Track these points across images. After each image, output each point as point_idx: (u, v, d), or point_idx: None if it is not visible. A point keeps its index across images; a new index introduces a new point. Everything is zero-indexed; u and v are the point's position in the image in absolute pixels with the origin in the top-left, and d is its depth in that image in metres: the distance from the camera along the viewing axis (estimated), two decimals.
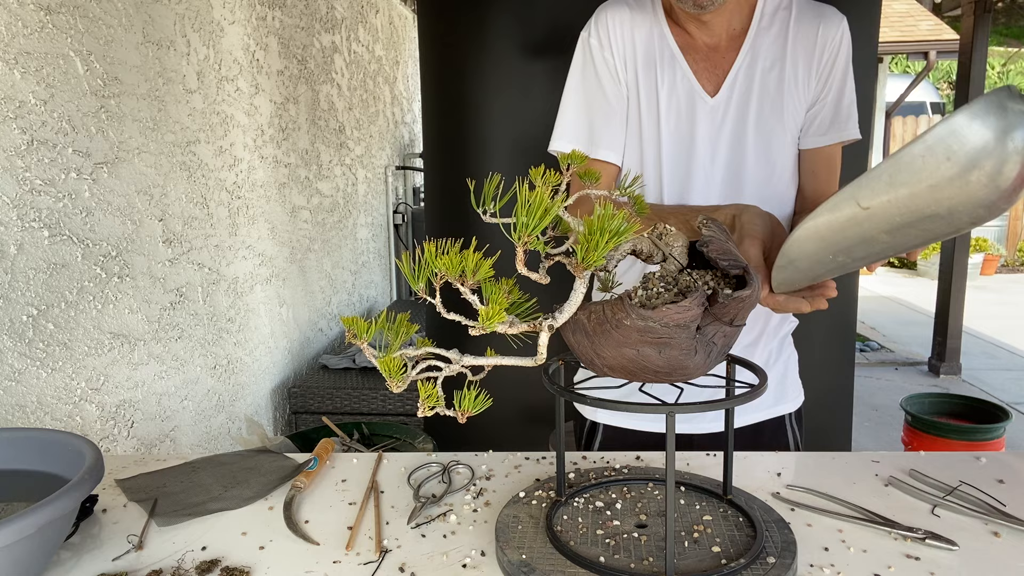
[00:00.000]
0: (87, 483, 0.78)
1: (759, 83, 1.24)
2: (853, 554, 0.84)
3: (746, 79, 1.24)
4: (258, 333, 2.90)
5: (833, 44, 1.25)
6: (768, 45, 1.25)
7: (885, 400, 4.58)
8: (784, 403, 1.35)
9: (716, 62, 1.26)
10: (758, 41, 1.25)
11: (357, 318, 0.73)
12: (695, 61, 1.25)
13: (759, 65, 1.25)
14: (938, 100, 12.08)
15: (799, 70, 1.25)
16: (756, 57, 1.25)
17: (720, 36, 1.25)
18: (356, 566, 0.84)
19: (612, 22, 1.26)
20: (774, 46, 1.25)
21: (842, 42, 1.25)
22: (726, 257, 0.78)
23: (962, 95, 4.85)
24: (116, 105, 1.99)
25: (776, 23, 1.26)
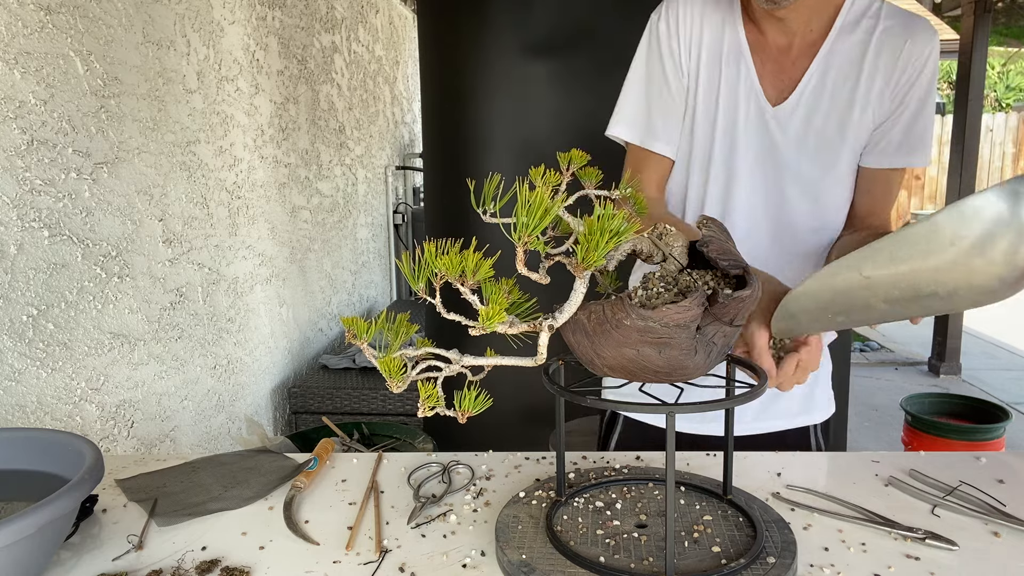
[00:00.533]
0: (87, 483, 0.78)
1: (829, 96, 1.16)
2: (853, 554, 0.84)
3: (816, 91, 1.16)
4: (258, 333, 2.90)
5: (917, 63, 1.15)
6: (846, 53, 1.16)
7: (885, 400, 4.58)
8: (810, 413, 1.30)
9: (785, 66, 1.18)
10: (836, 48, 1.16)
11: (357, 318, 0.73)
12: (763, 63, 1.18)
13: (832, 75, 1.16)
14: (938, 100, 12.07)
15: (875, 86, 1.15)
16: (830, 66, 1.16)
17: (795, 37, 1.17)
18: (356, 566, 0.84)
19: (684, 9, 1.20)
20: (852, 55, 1.16)
21: (928, 62, 1.15)
22: (726, 257, 0.78)
23: (962, 95, 4.85)
24: (116, 105, 1.99)
25: (859, 30, 1.16)
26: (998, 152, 9.58)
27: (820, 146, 1.17)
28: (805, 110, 1.17)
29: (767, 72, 1.18)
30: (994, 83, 13.22)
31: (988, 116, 9.48)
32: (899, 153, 1.18)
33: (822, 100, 1.16)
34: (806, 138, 1.17)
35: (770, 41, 1.18)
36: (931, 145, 1.18)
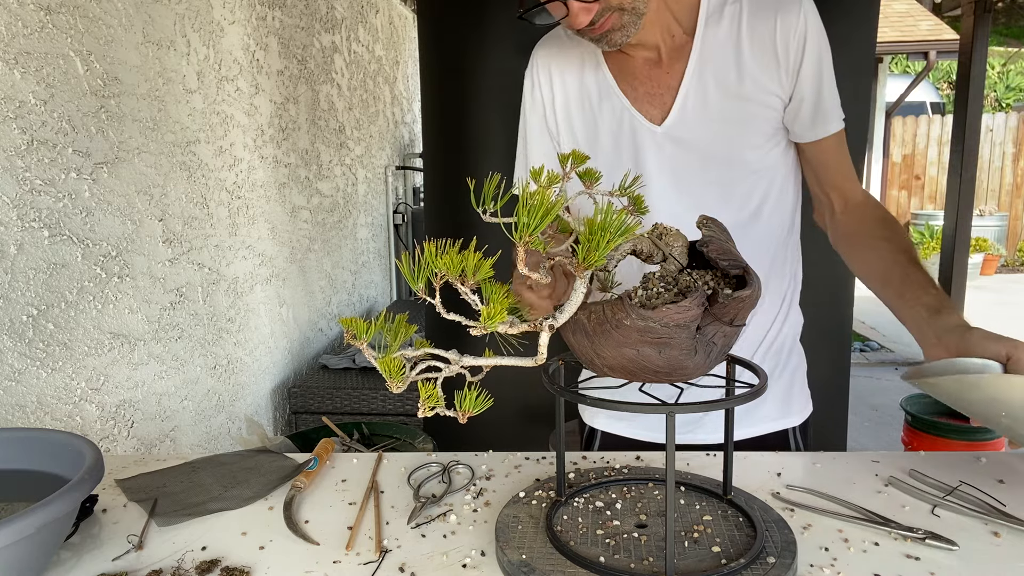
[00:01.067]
0: (87, 483, 0.78)
1: (714, 95, 1.11)
2: (853, 554, 0.84)
3: (698, 95, 1.11)
4: (258, 333, 2.90)
5: (798, 35, 1.09)
6: (718, 48, 1.11)
7: (885, 400, 4.58)
8: (789, 416, 1.27)
9: (660, 80, 1.13)
10: (706, 46, 1.11)
11: (356, 319, 0.73)
12: (634, 87, 1.14)
13: (710, 74, 1.11)
14: (938, 100, 12.07)
15: (761, 71, 1.11)
16: (705, 66, 1.11)
17: (658, 48, 1.13)
18: (356, 566, 0.84)
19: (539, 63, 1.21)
20: (725, 49, 1.11)
21: (807, 28, 1.09)
22: (726, 257, 0.78)
23: (962, 95, 4.85)
24: (116, 105, 1.99)
25: (725, 20, 1.11)
26: (998, 152, 9.57)
27: (722, 146, 1.13)
28: (694, 117, 1.12)
29: (642, 94, 1.14)
30: (994, 83, 13.22)
31: (988, 116, 9.48)
32: (816, 125, 1.14)
33: (708, 101, 1.11)
34: (705, 143, 1.13)
35: (638, 61, 1.14)
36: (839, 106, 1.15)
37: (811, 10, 1.11)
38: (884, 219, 1.17)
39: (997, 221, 9.29)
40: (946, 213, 5.09)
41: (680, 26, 1.12)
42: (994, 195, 9.62)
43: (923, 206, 9.89)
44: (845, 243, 1.20)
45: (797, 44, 1.10)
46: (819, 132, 1.15)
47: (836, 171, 1.19)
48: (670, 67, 1.13)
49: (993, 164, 9.54)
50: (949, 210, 5.02)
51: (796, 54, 1.10)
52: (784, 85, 1.12)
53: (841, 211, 1.20)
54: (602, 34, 1.05)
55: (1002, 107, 12.91)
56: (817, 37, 1.11)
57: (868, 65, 2.43)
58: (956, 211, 4.93)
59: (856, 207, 1.19)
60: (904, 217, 9.95)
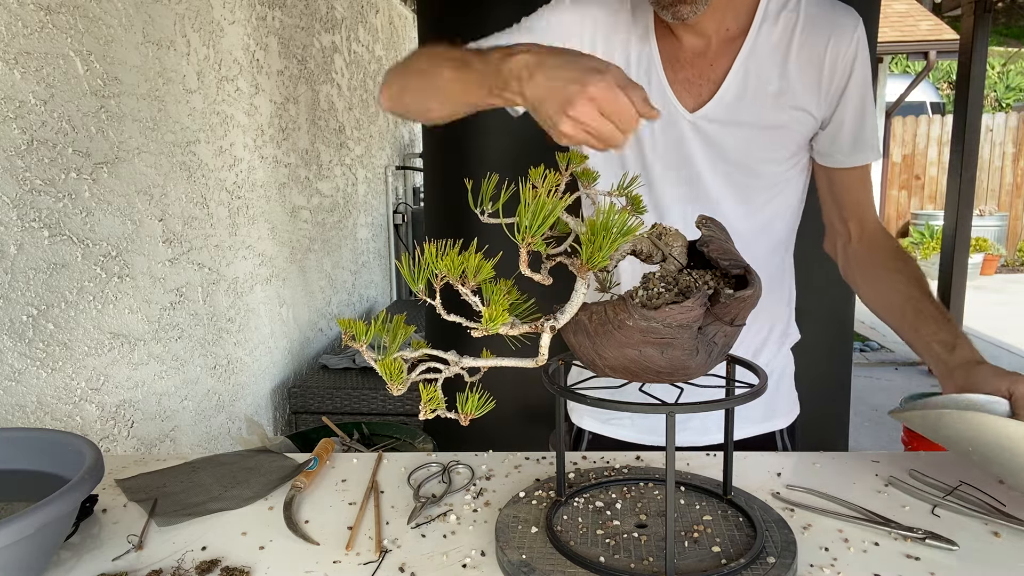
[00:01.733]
0: (87, 483, 0.78)
1: (752, 99, 1.10)
2: (853, 554, 0.84)
3: (737, 94, 1.10)
4: (258, 333, 2.90)
5: (845, 61, 1.09)
6: (767, 53, 1.10)
7: (885, 400, 4.58)
8: (775, 419, 1.27)
9: (702, 70, 1.12)
10: (757, 46, 1.10)
11: (354, 320, 0.73)
12: (675, 70, 1.12)
13: (753, 77, 1.10)
14: (938, 100, 12.08)
15: (802, 88, 1.10)
16: (751, 67, 1.10)
17: (709, 39, 1.12)
18: (356, 566, 0.84)
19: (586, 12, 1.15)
20: (774, 56, 1.10)
21: (857, 54, 1.10)
22: (726, 257, 0.78)
23: (962, 95, 4.85)
24: (116, 105, 1.99)
25: (780, 26, 1.10)
26: (998, 152, 9.57)
27: (746, 150, 1.12)
28: (728, 113, 1.11)
29: (682, 79, 1.12)
30: (994, 83, 13.22)
31: (988, 116, 9.48)
32: (853, 154, 1.15)
33: (743, 102, 1.10)
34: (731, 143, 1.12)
35: (685, 46, 1.12)
36: (878, 140, 1.16)
37: (863, 38, 1.11)
38: (896, 251, 1.19)
39: (997, 221, 9.29)
40: (946, 213, 5.09)
41: (735, 22, 1.11)
42: (994, 195, 9.62)
43: (923, 206, 9.89)
44: (859, 273, 1.21)
45: (845, 68, 1.10)
46: (856, 160, 1.15)
47: (858, 200, 1.20)
48: (715, 59, 1.11)
49: (993, 164, 9.54)
50: (949, 210, 5.02)
51: (842, 78, 1.10)
52: (821, 106, 1.12)
53: (856, 240, 1.21)
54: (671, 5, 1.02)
55: (1002, 107, 12.91)
56: (865, 65, 1.11)
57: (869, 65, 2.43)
58: (956, 211, 4.93)
59: (870, 237, 1.20)
60: (904, 217, 9.95)
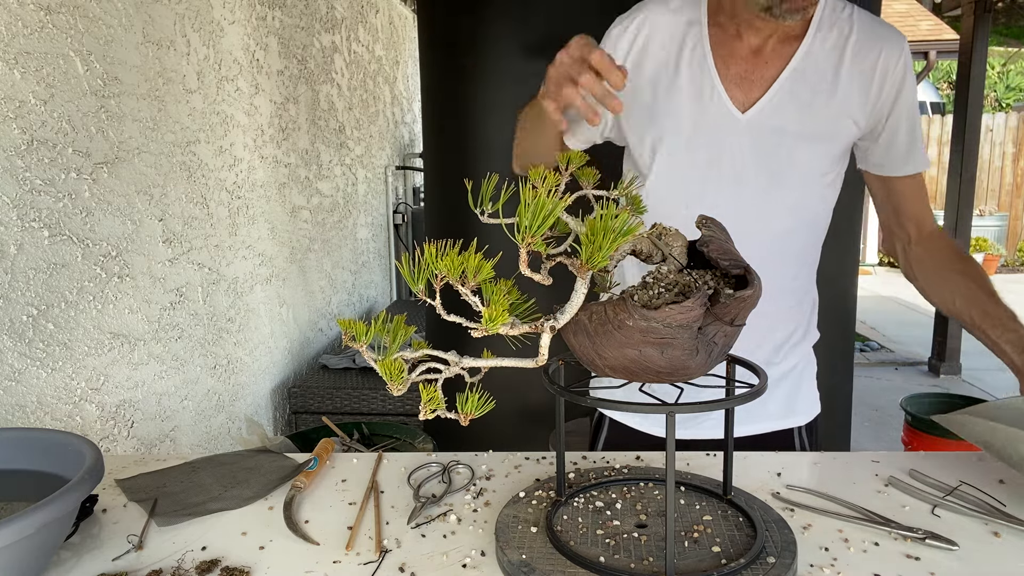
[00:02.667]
0: (87, 483, 0.78)
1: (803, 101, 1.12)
2: (853, 554, 0.84)
3: (790, 95, 1.12)
4: (258, 333, 2.90)
5: (896, 74, 1.14)
6: (821, 58, 1.13)
7: (885, 400, 4.58)
8: (794, 415, 1.29)
9: (757, 67, 1.13)
10: (812, 51, 1.13)
11: (354, 320, 0.73)
12: (729, 66, 1.14)
13: (806, 80, 1.12)
14: (938, 100, 12.07)
15: (852, 96, 1.14)
16: (805, 70, 1.12)
17: (767, 38, 1.13)
18: (356, 566, 0.84)
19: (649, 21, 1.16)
20: (828, 61, 1.13)
21: (906, 71, 1.15)
22: (727, 257, 0.78)
23: (962, 95, 4.85)
24: (116, 105, 1.99)
25: (833, 34, 1.14)
26: (998, 152, 9.57)
27: (790, 150, 1.14)
28: (775, 115, 1.13)
29: (732, 75, 1.14)
30: (994, 83, 13.21)
31: (988, 116, 9.48)
32: (908, 163, 1.21)
33: (794, 104, 1.13)
34: (775, 142, 1.14)
35: (744, 42, 1.14)
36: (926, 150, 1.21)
37: (910, 57, 1.16)
38: (956, 252, 1.26)
39: (997, 221, 9.29)
40: (946, 213, 5.09)
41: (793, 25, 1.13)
42: (994, 195, 9.62)
43: None
44: (920, 275, 1.27)
45: (895, 81, 1.14)
46: (911, 168, 1.21)
47: (916, 204, 1.25)
48: (770, 59, 1.13)
49: (993, 164, 9.54)
50: (949, 210, 5.03)
51: (892, 90, 1.15)
52: (869, 116, 1.16)
53: (916, 241, 1.27)
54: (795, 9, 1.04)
55: (1002, 107, 12.90)
56: (913, 81, 1.16)
57: None
58: (956, 211, 4.94)
59: (929, 237, 1.26)
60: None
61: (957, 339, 5.13)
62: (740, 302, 0.73)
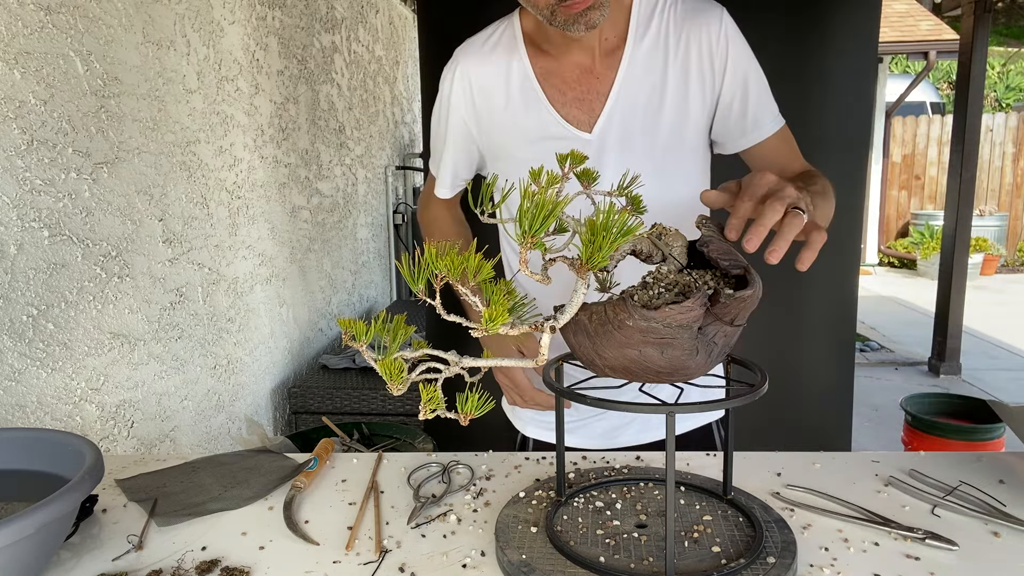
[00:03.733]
0: (87, 483, 0.78)
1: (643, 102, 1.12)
2: (853, 554, 0.84)
3: (627, 101, 1.12)
4: (258, 333, 2.90)
5: (720, 45, 1.12)
6: (648, 55, 1.13)
7: (885, 400, 4.58)
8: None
9: (591, 86, 1.13)
10: (637, 53, 1.13)
11: (354, 320, 0.73)
12: (563, 91, 1.14)
13: (639, 81, 1.12)
14: (938, 100, 12.07)
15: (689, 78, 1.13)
16: (634, 73, 1.12)
17: (593, 52, 1.13)
18: (356, 566, 0.84)
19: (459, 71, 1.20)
20: (655, 56, 1.13)
21: (729, 38, 1.12)
22: (726, 257, 0.78)
23: (962, 95, 4.85)
24: (116, 105, 1.99)
25: (652, 29, 1.13)
26: (998, 152, 9.57)
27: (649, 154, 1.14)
28: (621, 124, 1.13)
29: (570, 100, 1.14)
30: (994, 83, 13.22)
31: (988, 116, 9.48)
32: (753, 131, 1.16)
33: (636, 111, 1.12)
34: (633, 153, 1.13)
35: (570, 63, 1.14)
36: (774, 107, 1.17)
37: (730, 23, 1.14)
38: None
39: (997, 221, 9.29)
40: (946, 213, 5.09)
41: (613, 31, 1.14)
42: (994, 195, 9.62)
43: (923, 206, 9.89)
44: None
45: (720, 54, 1.13)
46: (756, 136, 1.17)
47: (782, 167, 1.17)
48: (601, 73, 1.14)
49: (993, 164, 9.54)
50: (949, 210, 5.03)
51: (720, 65, 1.13)
52: (707, 97, 1.15)
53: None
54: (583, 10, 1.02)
55: (1002, 107, 12.91)
56: (738, 47, 1.14)
57: (869, 65, 2.43)
58: (956, 211, 4.94)
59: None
60: (904, 217, 9.95)
61: (957, 339, 5.13)
62: (740, 302, 0.73)
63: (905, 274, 9.22)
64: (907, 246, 9.44)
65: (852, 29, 2.34)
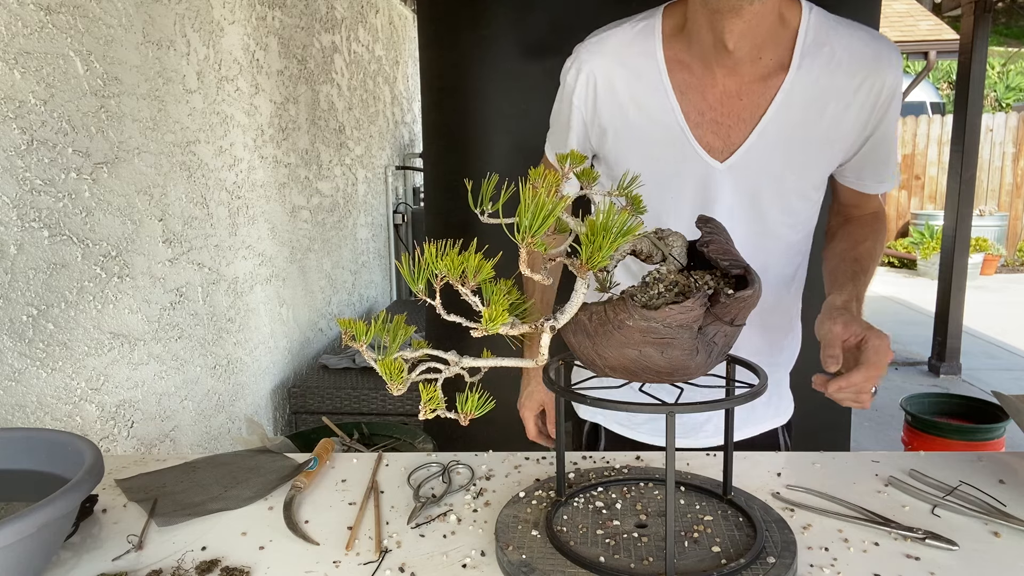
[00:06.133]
0: (87, 483, 0.78)
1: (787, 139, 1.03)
2: (853, 554, 0.84)
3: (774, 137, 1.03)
4: (258, 333, 2.90)
5: (886, 95, 1.04)
6: (808, 89, 1.02)
7: (885, 400, 4.58)
8: (777, 416, 1.29)
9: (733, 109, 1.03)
10: (796, 85, 1.01)
11: (354, 320, 0.73)
12: (701, 111, 1.03)
13: (792, 115, 1.02)
14: (938, 100, 12.07)
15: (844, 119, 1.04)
16: (791, 105, 1.02)
17: (744, 75, 1.01)
18: (356, 566, 0.84)
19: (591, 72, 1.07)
20: (815, 90, 1.02)
21: (896, 91, 1.05)
22: (727, 257, 0.78)
23: (962, 95, 4.85)
24: (116, 105, 1.99)
25: (820, 58, 1.01)
26: (998, 152, 9.57)
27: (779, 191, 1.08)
28: (760, 159, 1.04)
29: (707, 121, 1.04)
30: (994, 83, 13.22)
31: (988, 116, 9.47)
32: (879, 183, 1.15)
33: (780, 145, 1.04)
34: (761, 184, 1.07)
35: (716, 82, 1.03)
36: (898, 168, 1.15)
37: (900, 73, 1.06)
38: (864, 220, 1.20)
39: (997, 221, 9.28)
40: (946, 213, 5.09)
41: (773, 54, 1.02)
42: (994, 195, 9.62)
43: (923, 206, 9.88)
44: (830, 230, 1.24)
45: (884, 104, 1.05)
46: (880, 188, 1.15)
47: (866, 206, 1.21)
48: (749, 98, 1.02)
49: (993, 164, 9.54)
50: (949, 210, 5.03)
51: (880, 113, 1.06)
52: (856, 142, 1.08)
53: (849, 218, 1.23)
54: None
55: (1002, 107, 12.91)
56: (899, 100, 1.07)
57: None
58: (956, 211, 4.94)
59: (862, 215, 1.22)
60: (904, 217, 9.95)
61: (957, 339, 5.13)
62: (740, 302, 0.73)
63: (905, 274, 9.22)
64: (907, 246, 9.44)
65: None
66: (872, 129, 1.07)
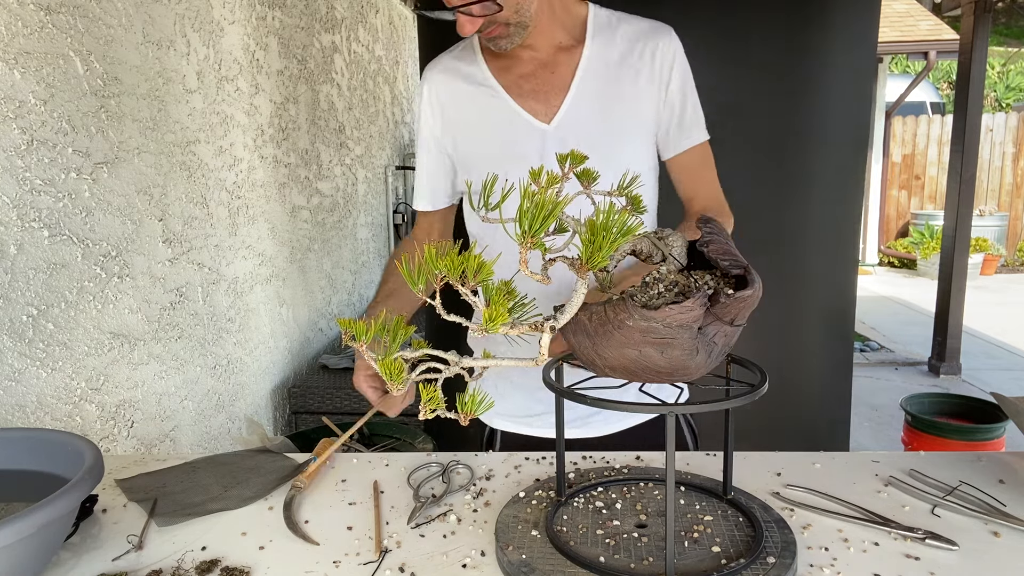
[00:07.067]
0: (87, 483, 0.78)
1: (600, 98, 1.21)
2: (853, 554, 0.84)
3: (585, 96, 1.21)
4: (258, 333, 2.90)
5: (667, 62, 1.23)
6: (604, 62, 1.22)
7: (885, 400, 4.58)
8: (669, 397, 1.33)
9: (546, 79, 1.22)
10: (595, 53, 1.22)
11: (354, 320, 0.73)
12: (519, 84, 1.23)
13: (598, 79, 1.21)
14: (938, 100, 12.07)
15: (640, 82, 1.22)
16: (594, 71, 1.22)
17: (547, 51, 1.23)
18: (356, 566, 0.84)
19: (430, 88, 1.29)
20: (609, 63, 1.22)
21: (676, 58, 1.24)
22: (727, 257, 0.78)
23: (962, 95, 4.85)
24: (116, 105, 1.99)
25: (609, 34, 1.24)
26: (998, 152, 9.57)
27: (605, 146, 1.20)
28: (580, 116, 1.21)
29: (527, 92, 1.22)
30: (994, 83, 13.22)
31: (988, 116, 9.47)
32: (680, 138, 1.26)
33: (595, 103, 1.21)
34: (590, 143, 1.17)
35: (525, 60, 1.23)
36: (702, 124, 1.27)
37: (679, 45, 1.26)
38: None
39: (997, 221, 9.28)
40: (946, 213, 5.09)
41: (567, 35, 1.23)
42: (994, 195, 9.62)
43: (923, 206, 9.88)
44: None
45: (666, 70, 1.24)
46: (684, 143, 1.26)
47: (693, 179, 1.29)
48: (558, 67, 1.23)
49: (993, 164, 9.54)
50: (949, 210, 5.03)
51: (666, 73, 1.24)
52: (655, 101, 1.24)
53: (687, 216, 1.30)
54: (490, 39, 1.16)
55: (1002, 107, 12.91)
56: (682, 66, 1.26)
57: (869, 65, 2.43)
58: (956, 211, 4.94)
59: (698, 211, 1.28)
60: (904, 217, 9.95)
61: (957, 339, 5.13)
62: (740, 302, 0.73)
63: (905, 274, 9.22)
64: (907, 246, 9.44)
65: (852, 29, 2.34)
66: (663, 90, 1.24)
